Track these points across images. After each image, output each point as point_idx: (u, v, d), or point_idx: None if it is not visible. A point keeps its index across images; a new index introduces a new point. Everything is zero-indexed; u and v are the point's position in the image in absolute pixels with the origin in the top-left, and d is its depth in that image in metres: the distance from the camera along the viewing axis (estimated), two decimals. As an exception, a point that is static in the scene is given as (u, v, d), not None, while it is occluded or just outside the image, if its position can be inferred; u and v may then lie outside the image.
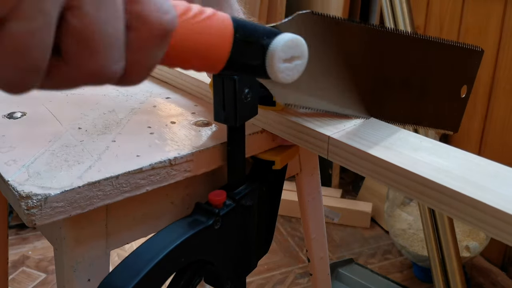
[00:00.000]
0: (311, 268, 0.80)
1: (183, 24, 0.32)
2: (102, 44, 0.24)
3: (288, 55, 0.38)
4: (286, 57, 0.38)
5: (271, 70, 0.38)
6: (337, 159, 0.49)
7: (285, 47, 0.38)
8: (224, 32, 0.34)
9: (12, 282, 1.55)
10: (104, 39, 0.24)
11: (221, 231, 0.52)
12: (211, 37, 0.34)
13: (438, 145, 0.48)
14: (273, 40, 0.37)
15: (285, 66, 0.38)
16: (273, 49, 0.37)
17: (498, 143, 1.56)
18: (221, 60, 0.35)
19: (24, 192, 0.43)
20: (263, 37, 0.37)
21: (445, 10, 1.65)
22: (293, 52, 0.38)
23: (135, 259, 0.46)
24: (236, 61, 0.36)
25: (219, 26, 0.34)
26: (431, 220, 1.37)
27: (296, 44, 0.39)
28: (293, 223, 1.88)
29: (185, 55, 0.33)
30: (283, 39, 0.38)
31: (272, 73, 0.38)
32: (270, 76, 0.38)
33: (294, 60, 0.39)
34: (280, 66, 0.38)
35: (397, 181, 0.44)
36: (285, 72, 0.38)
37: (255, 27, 0.37)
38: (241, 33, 0.35)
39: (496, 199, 0.38)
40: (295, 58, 0.39)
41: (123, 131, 0.56)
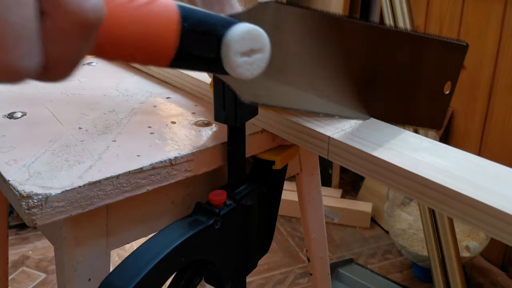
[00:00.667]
0: (311, 268, 0.80)
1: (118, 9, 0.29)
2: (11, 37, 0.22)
3: (246, 48, 0.35)
4: (244, 50, 0.35)
5: (228, 64, 0.34)
6: (337, 159, 0.49)
7: (243, 39, 0.34)
8: (168, 20, 0.31)
9: (12, 282, 1.55)
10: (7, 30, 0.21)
11: (222, 231, 0.52)
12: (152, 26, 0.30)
13: (438, 145, 0.48)
14: (229, 31, 0.34)
15: (244, 60, 0.35)
16: (228, 40, 0.34)
17: (498, 143, 1.56)
18: (168, 52, 0.32)
19: (25, 191, 0.43)
20: (218, 27, 0.34)
21: (445, 10, 1.65)
22: (252, 45, 0.35)
23: (136, 259, 0.46)
24: (187, 53, 0.33)
25: (161, 13, 0.31)
26: (431, 220, 1.37)
27: (256, 36, 0.35)
28: (293, 223, 1.88)
29: (123, 46, 0.30)
30: (240, 29, 0.34)
31: (229, 68, 0.35)
32: (228, 71, 0.35)
33: (254, 53, 0.35)
34: (237, 60, 0.35)
35: (397, 182, 0.44)
36: (243, 66, 0.35)
37: (208, 16, 0.33)
38: (190, 22, 0.32)
39: (496, 199, 0.38)
40: (254, 51, 0.35)
41: (124, 131, 0.57)
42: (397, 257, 1.71)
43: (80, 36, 0.24)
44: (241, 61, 0.35)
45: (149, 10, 0.30)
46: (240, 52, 0.34)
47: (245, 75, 0.35)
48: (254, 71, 0.36)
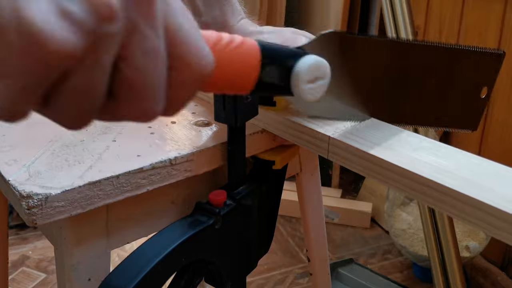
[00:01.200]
0: (311, 268, 0.80)
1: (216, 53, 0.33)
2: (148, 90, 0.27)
3: (312, 77, 0.40)
4: (310, 79, 0.40)
5: (296, 90, 0.40)
6: (337, 159, 0.49)
7: (309, 70, 0.39)
8: (253, 59, 0.36)
9: (12, 282, 1.55)
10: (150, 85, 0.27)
11: (222, 231, 0.52)
12: (241, 65, 0.35)
13: (438, 145, 0.48)
14: (298, 63, 0.39)
15: (309, 86, 0.40)
16: (297, 71, 0.39)
17: (498, 143, 1.56)
18: (250, 84, 0.37)
19: (25, 191, 0.43)
20: (288, 60, 0.39)
21: (445, 10, 1.65)
22: (316, 74, 0.40)
23: (136, 259, 0.46)
24: (264, 83, 0.38)
25: (248, 53, 0.36)
26: (431, 220, 1.37)
27: (320, 66, 0.40)
28: (293, 223, 1.88)
29: (218, 83, 0.35)
30: (307, 62, 0.39)
31: (297, 93, 0.40)
32: (296, 96, 0.40)
33: (318, 80, 0.40)
34: (304, 87, 0.40)
35: (397, 181, 0.44)
36: (309, 92, 0.40)
37: (280, 50, 0.39)
38: (268, 58, 0.37)
39: (496, 198, 0.38)
40: (318, 78, 0.40)
41: (124, 131, 0.57)
42: (397, 257, 1.71)
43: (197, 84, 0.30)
44: (308, 88, 0.40)
45: (239, 51, 0.35)
46: (307, 80, 0.40)
47: (310, 99, 0.41)
48: (318, 95, 0.41)
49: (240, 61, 0.35)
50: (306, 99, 0.40)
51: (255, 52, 0.36)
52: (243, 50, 0.35)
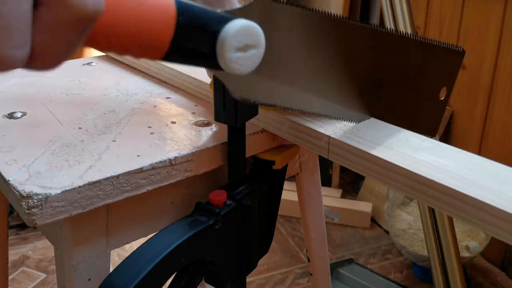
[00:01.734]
0: (311, 268, 0.80)
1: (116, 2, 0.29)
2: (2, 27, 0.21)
3: (241, 43, 0.35)
4: (239, 46, 0.35)
5: (222, 59, 0.35)
6: (337, 159, 0.49)
7: (238, 34, 0.34)
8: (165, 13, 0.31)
9: (12, 282, 1.55)
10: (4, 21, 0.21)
11: (222, 231, 0.52)
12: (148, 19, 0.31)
13: (439, 145, 0.48)
14: (225, 26, 0.34)
15: (238, 55, 0.35)
16: (224, 35, 0.34)
17: (498, 143, 1.56)
18: (162, 45, 0.32)
19: (25, 191, 0.43)
20: (214, 23, 0.34)
21: (445, 10, 1.65)
22: (247, 40, 0.35)
23: (136, 259, 0.46)
24: (181, 46, 0.33)
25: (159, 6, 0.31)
26: (431, 220, 1.37)
27: (251, 32, 0.35)
28: (293, 223, 1.88)
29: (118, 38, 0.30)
30: (236, 25, 0.34)
31: (223, 63, 0.35)
32: (222, 66, 0.35)
33: (249, 49, 0.35)
34: (232, 55, 0.35)
35: (398, 181, 0.44)
36: (238, 62, 0.35)
37: (204, 11, 0.34)
38: (186, 16, 0.32)
39: (497, 198, 0.38)
40: (249, 47, 0.35)
41: (124, 131, 0.57)
42: (397, 257, 1.71)
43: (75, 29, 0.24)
44: (236, 56, 0.35)
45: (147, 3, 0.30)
46: (235, 47, 0.34)
47: (239, 70, 0.35)
48: (249, 67, 0.36)
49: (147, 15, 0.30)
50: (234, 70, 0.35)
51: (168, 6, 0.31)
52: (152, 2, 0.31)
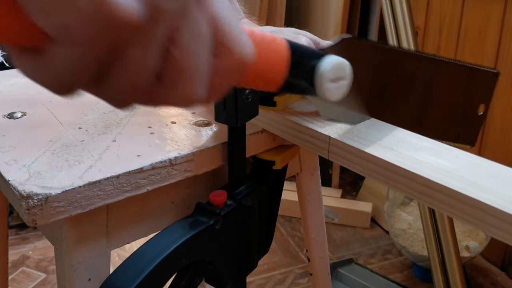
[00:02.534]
0: (311, 268, 0.80)
1: None
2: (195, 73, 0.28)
3: (335, 76, 0.41)
4: (333, 78, 0.41)
5: (320, 89, 0.41)
6: (337, 159, 0.49)
7: (333, 69, 0.40)
8: (283, 56, 0.37)
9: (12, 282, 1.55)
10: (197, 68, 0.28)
11: (222, 231, 0.52)
12: (273, 60, 0.37)
13: (439, 145, 0.48)
14: (322, 62, 0.40)
15: (332, 85, 0.41)
16: (322, 70, 0.40)
17: (498, 143, 1.56)
18: (279, 81, 0.38)
19: (25, 191, 0.43)
20: (313, 59, 0.40)
21: (445, 10, 1.65)
22: (339, 73, 0.41)
23: (137, 259, 0.46)
24: (290, 81, 0.39)
25: (279, 49, 0.37)
26: (431, 220, 1.37)
27: (343, 66, 0.42)
28: (293, 223, 1.88)
29: (251, 77, 0.36)
30: (331, 61, 0.40)
31: (320, 92, 0.41)
32: (319, 95, 0.41)
33: (340, 80, 0.42)
34: (328, 86, 0.41)
35: (398, 181, 0.44)
36: (332, 91, 0.41)
37: (305, 50, 0.40)
38: (295, 55, 0.38)
39: (497, 199, 0.38)
40: (340, 78, 0.42)
41: (124, 131, 0.57)
42: (397, 257, 1.71)
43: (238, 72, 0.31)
44: (331, 87, 0.41)
45: (271, 47, 0.36)
46: (330, 79, 0.41)
47: (332, 98, 0.42)
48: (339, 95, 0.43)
49: (272, 56, 0.37)
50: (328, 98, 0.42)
51: (285, 49, 0.37)
52: (274, 46, 0.37)
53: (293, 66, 0.38)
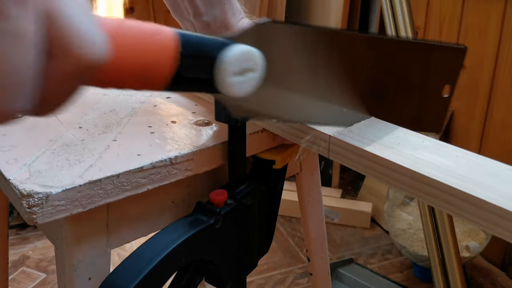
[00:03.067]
0: (311, 268, 0.80)
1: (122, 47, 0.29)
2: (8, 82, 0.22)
3: (239, 68, 0.36)
4: (237, 70, 0.36)
5: (221, 84, 0.36)
6: (338, 158, 0.49)
7: (236, 60, 0.35)
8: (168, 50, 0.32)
9: (12, 282, 1.55)
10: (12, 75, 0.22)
11: (222, 230, 0.52)
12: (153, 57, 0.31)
13: (439, 144, 0.48)
14: (223, 53, 0.35)
15: (237, 79, 0.36)
16: (221, 62, 0.35)
17: (498, 143, 1.56)
18: (164, 79, 0.33)
19: (26, 190, 0.43)
20: (212, 50, 0.35)
21: (445, 10, 1.65)
22: (245, 65, 0.36)
23: (137, 258, 0.46)
24: (183, 77, 0.34)
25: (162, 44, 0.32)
26: (431, 220, 1.37)
27: (249, 57, 0.36)
28: (293, 223, 1.88)
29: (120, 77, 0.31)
30: (233, 52, 0.35)
31: (222, 88, 0.36)
32: (220, 91, 0.36)
33: (247, 72, 0.36)
34: (230, 80, 0.36)
35: (398, 180, 0.44)
36: (236, 86, 0.36)
37: (203, 40, 0.34)
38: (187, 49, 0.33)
39: (497, 196, 0.38)
40: (247, 70, 0.36)
41: (124, 131, 0.57)
42: (397, 257, 1.71)
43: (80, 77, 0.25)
44: (234, 81, 0.36)
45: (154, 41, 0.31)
46: (232, 72, 0.35)
47: (237, 93, 0.37)
48: (247, 89, 0.37)
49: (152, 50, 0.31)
50: (233, 93, 0.36)
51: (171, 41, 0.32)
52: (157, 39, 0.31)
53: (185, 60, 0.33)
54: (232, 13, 0.56)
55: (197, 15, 0.55)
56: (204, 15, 0.55)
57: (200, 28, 0.56)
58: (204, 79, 0.35)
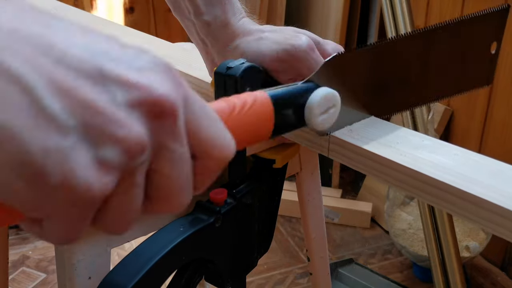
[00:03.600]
0: (311, 268, 0.80)
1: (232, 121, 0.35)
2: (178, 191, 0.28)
3: (324, 109, 0.42)
4: (323, 111, 0.42)
5: (311, 123, 0.41)
6: (337, 157, 0.49)
7: (321, 103, 0.41)
8: (267, 112, 0.38)
9: (12, 282, 1.55)
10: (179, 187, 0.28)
11: (222, 229, 0.52)
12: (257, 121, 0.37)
13: (439, 143, 0.48)
14: (309, 99, 0.41)
15: (322, 117, 0.42)
16: (310, 107, 0.41)
17: (498, 143, 1.56)
18: (267, 134, 0.39)
19: (25, 189, 0.43)
20: (299, 98, 0.41)
21: (445, 10, 1.65)
22: (328, 105, 0.42)
23: (136, 257, 0.46)
24: (280, 127, 0.39)
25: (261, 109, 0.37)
26: (431, 220, 1.37)
27: (330, 97, 0.42)
28: (293, 223, 1.88)
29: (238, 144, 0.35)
30: (317, 96, 0.41)
31: (312, 126, 0.42)
32: (312, 128, 0.42)
33: (329, 110, 0.42)
34: (318, 119, 0.42)
35: (398, 179, 0.44)
36: (323, 123, 0.42)
37: (290, 92, 0.40)
38: (280, 105, 0.39)
39: (498, 196, 0.38)
40: (330, 108, 0.42)
41: (124, 130, 0.56)
42: (397, 257, 1.72)
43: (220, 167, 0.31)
44: (321, 119, 0.42)
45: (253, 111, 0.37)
46: (318, 114, 0.42)
47: (324, 128, 0.43)
48: (331, 122, 0.44)
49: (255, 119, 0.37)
50: (320, 129, 0.43)
51: (267, 105, 0.38)
52: (256, 108, 0.37)
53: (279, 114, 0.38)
54: (233, 13, 0.56)
55: (197, 14, 0.55)
56: (205, 14, 0.55)
57: (201, 27, 0.56)
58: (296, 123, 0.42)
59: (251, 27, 0.56)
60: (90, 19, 0.93)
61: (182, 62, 0.71)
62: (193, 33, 0.58)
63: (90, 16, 0.98)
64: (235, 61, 0.50)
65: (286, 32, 0.55)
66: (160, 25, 2.25)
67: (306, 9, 2.05)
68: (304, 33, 0.55)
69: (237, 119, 0.36)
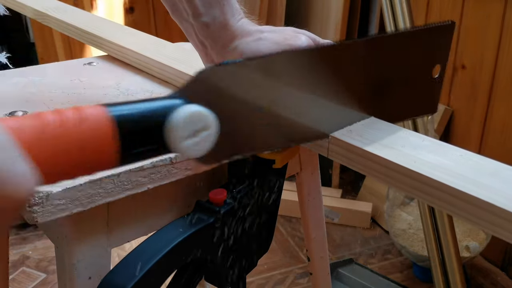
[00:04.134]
0: (311, 268, 0.80)
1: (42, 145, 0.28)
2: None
3: (189, 132, 0.34)
4: (188, 134, 0.34)
5: (175, 149, 0.34)
6: (337, 158, 0.49)
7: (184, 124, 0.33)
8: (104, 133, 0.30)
9: (12, 282, 1.55)
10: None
11: (222, 229, 0.52)
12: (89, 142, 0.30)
13: (439, 144, 0.48)
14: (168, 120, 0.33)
15: (189, 142, 0.34)
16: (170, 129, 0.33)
17: (498, 143, 1.56)
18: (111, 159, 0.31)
19: (26, 190, 0.43)
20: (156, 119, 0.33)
21: (445, 10, 1.65)
22: (195, 127, 0.34)
23: (136, 257, 0.46)
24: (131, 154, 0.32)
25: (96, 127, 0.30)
26: (431, 220, 1.37)
27: (199, 117, 0.34)
28: (293, 223, 1.88)
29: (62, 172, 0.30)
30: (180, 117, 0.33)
31: (178, 151, 0.34)
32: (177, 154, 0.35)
33: (199, 133, 0.35)
34: (184, 145, 0.34)
35: (398, 180, 0.44)
36: (191, 148, 0.34)
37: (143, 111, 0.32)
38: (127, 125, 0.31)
39: (498, 197, 0.38)
40: (200, 130, 0.35)
41: (124, 130, 0.57)
42: (397, 257, 1.72)
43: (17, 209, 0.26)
44: (187, 144, 0.34)
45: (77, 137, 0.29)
46: (184, 137, 0.34)
47: (195, 154, 0.35)
48: (205, 147, 0.35)
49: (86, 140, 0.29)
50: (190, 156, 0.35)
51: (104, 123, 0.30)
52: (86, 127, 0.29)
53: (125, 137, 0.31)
54: (232, 14, 0.56)
55: (196, 15, 0.55)
56: (203, 15, 0.55)
57: (199, 28, 0.56)
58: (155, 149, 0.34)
59: (250, 28, 0.56)
60: (90, 19, 0.93)
61: (182, 62, 0.71)
62: (192, 35, 0.58)
63: (90, 16, 0.98)
64: None
65: (286, 32, 0.55)
66: (160, 25, 2.25)
67: (306, 9, 2.05)
68: (304, 33, 0.55)
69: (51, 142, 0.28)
